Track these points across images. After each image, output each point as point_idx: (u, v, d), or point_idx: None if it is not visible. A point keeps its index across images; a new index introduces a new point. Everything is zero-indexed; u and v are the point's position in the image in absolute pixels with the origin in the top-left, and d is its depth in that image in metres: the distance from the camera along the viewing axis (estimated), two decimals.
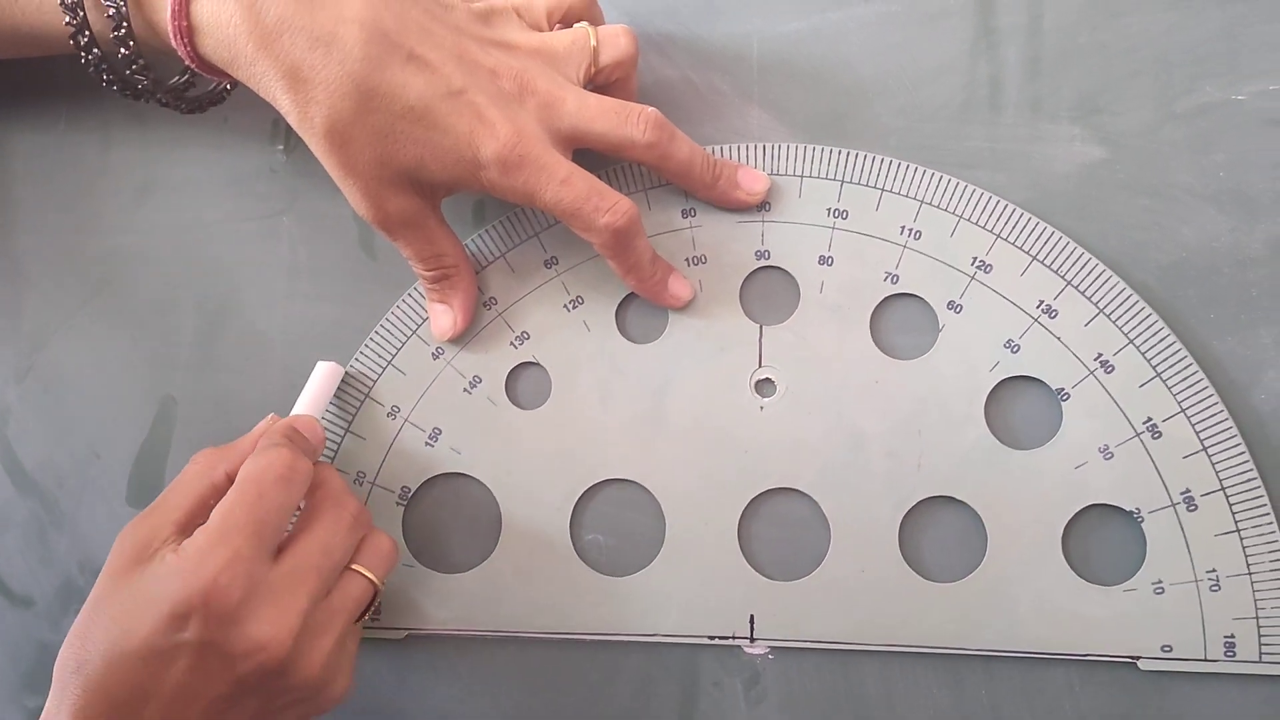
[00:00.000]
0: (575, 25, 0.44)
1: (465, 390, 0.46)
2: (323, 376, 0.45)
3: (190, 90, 0.44)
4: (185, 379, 0.48)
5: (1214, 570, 0.42)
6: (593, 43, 0.43)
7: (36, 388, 0.48)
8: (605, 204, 0.41)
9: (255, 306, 0.48)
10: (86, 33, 0.41)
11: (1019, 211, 0.44)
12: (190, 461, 0.40)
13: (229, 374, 0.47)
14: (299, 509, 0.40)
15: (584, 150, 0.43)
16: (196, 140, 0.48)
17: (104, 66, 0.42)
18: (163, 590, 0.36)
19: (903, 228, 0.45)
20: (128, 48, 0.41)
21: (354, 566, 0.40)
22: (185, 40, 0.39)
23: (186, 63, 0.40)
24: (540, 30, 0.43)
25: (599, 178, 0.42)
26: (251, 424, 0.46)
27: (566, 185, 0.40)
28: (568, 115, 0.41)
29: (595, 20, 0.45)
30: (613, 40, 0.43)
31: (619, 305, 0.46)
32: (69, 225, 0.48)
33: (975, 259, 0.44)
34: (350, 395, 0.46)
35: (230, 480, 0.39)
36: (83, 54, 0.41)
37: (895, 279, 0.45)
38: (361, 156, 0.40)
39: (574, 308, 0.46)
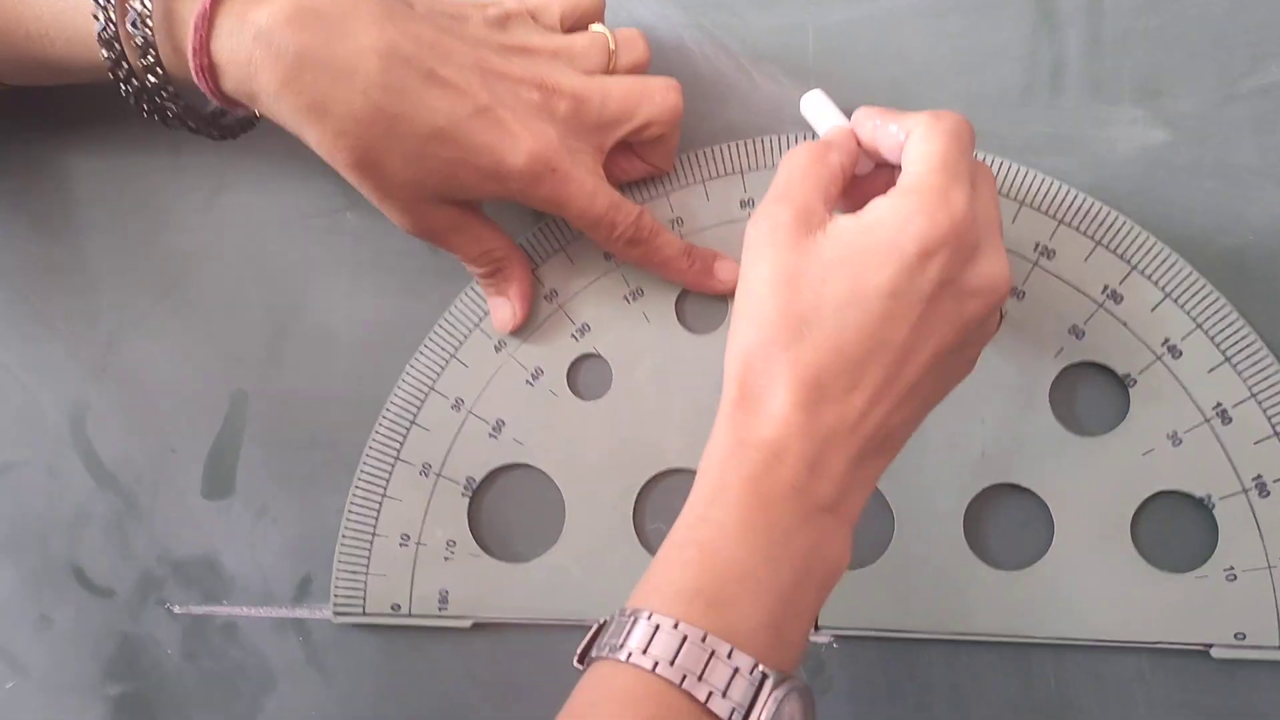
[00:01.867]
0: (591, 27, 0.44)
1: (527, 382, 0.46)
2: (826, 103, 0.43)
3: (224, 118, 0.44)
4: (256, 374, 0.48)
5: None
6: (611, 45, 0.43)
7: (113, 385, 0.49)
8: (620, 219, 0.42)
9: (322, 302, 0.48)
10: (124, 65, 0.40)
11: (1082, 196, 0.44)
12: (788, 157, 0.38)
13: (298, 369, 0.48)
14: None
15: None
16: (263, 140, 0.48)
17: (143, 98, 0.41)
18: (904, 231, 0.34)
19: None
20: (156, 76, 0.40)
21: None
22: (207, 77, 0.39)
23: (210, 99, 0.40)
24: (555, 33, 0.44)
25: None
26: (321, 418, 0.47)
27: (591, 200, 0.41)
28: (594, 110, 0.42)
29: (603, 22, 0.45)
30: (630, 44, 0.44)
31: (678, 297, 0.46)
32: (142, 226, 0.50)
33: (1038, 245, 0.44)
34: (415, 387, 0.47)
35: (845, 171, 0.38)
36: (121, 85, 0.41)
37: None
38: (394, 180, 0.40)
39: (634, 299, 0.46)
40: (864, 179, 0.40)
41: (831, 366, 0.34)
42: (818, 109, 0.42)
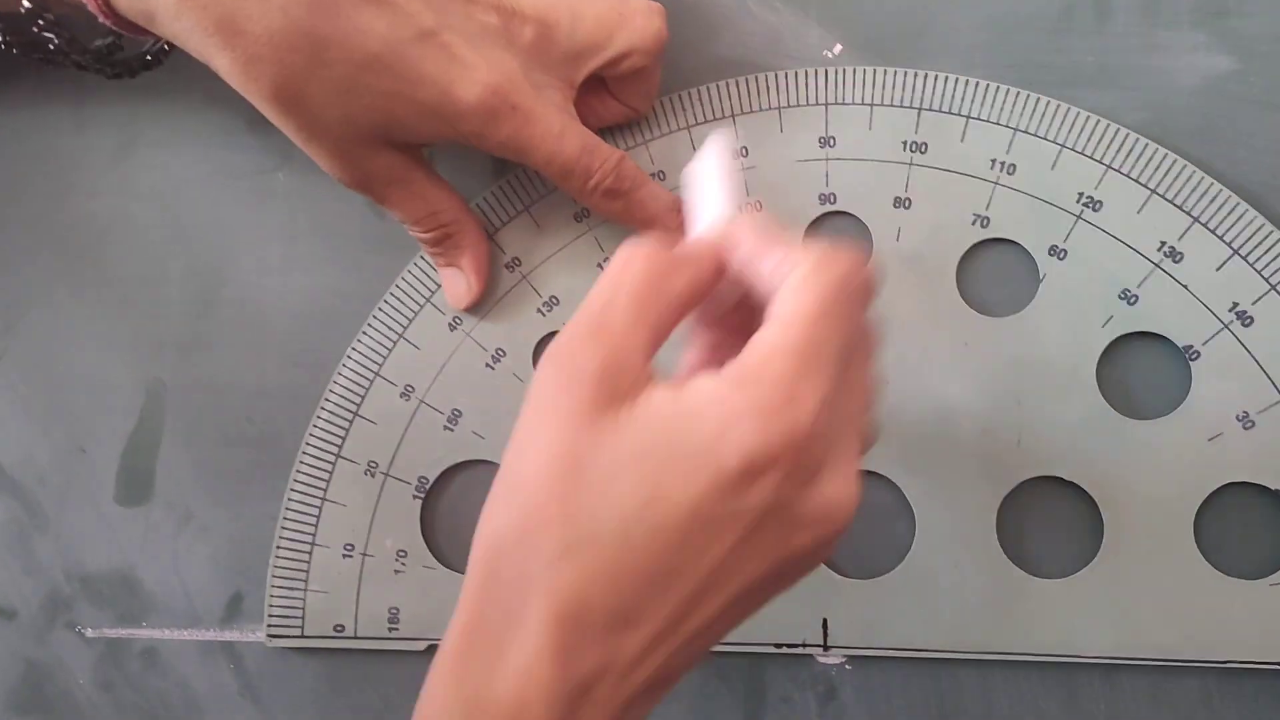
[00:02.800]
0: None
1: (488, 365, 0.40)
2: (724, 153, 0.33)
3: (118, 53, 0.39)
4: (175, 360, 0.43)
5: None
6: None
7: (11, 374, 0.44)
8: (595, 164, 0.37)
9: (250, 275, 0.43)
10: None
11: (1133, 136, 0.38)
12: (624, 259, 0.28)
13: (223, 353, 0.43)
14: None
15: None
16: (180, 90, 0.42)
17: (1, 26, 0.36)
18: (729, 437, 0.26)
19: (994, 161, 0.39)
20: (30, 0, 0.35)
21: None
22: None
23: (100, 20, 0.35)
24: None
25: None
26: (252, 410, 0.42)
27: (560, 141, 0.36)
28: (563, 36, 0.36)
29: None
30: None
31: None
32: (41, 190, 0.44)
33: (1082, 195, 0.38)
34: (358, 373, 0.41)
35: (684, 304, 0.28)
36: None
37: (986, 222, 0.39)
38: (322, 117, 0.35)
39: None
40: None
41: (603, 597, 0.26)
42: (705, 176, 0.32)
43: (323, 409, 0.41)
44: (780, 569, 0.27)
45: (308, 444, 0.41)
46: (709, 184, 0.32)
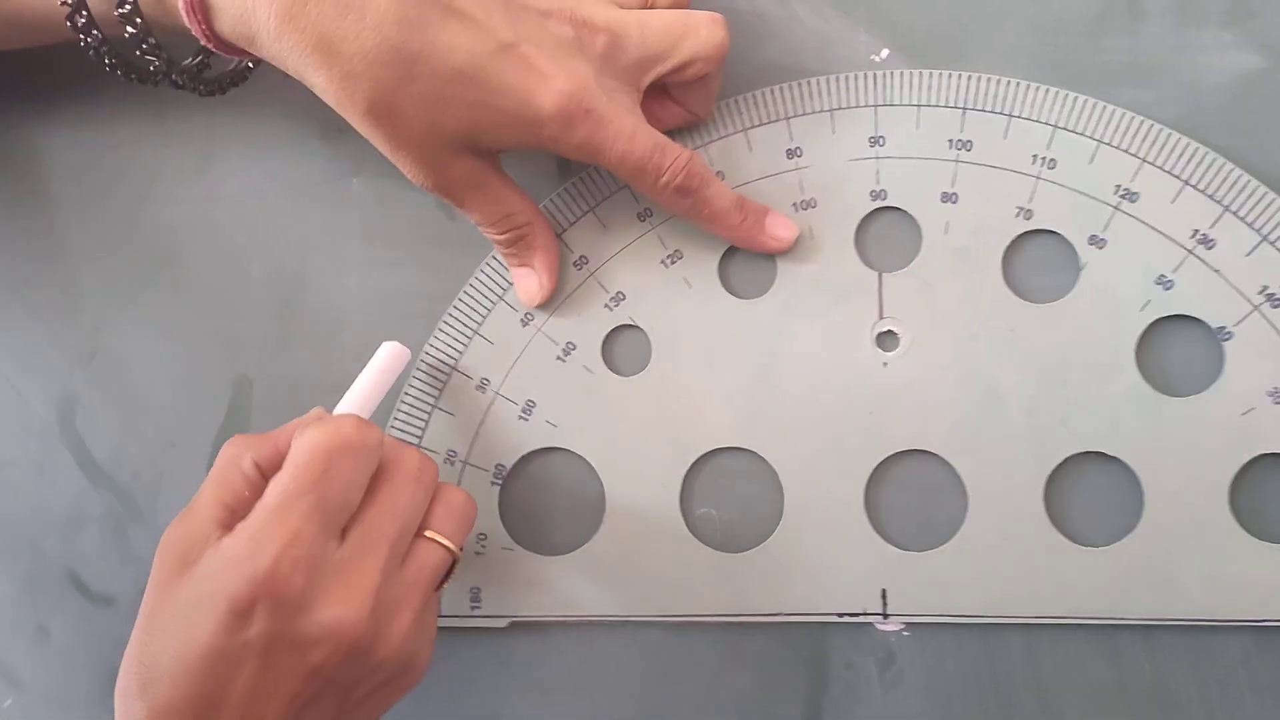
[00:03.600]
0: None
1: (559, 358, 0.42)
2: (384, 361, 0.40)
3: (206, 71, 0.41)
4: (259, 357, 0.45)
5: None
6: None
7: (103, 374, 0.45)
8: (666, 162, 0.38)
9: (328, 277, 0.44)
10: (84, 13, 0.37)
11: (1167, 131, 0.40)
12: (220, 455, 0.36)
13: (304, 350, 0.44)
14: None
15: None
16: (256, 100, 0.44)
17: (105, 50, 0.38)
18: (218, 586, 0.32)
19: (1035, 157, 0.40)
20: (135, 26, 0.37)
21: (427, 533, 0.36)
22: (199, 18, 0.35)
23: (203, 43, 0.37)
24: None
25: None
26: (331, 405, 0.43)
27: (632, 142, 0.37)
28: (633, 45, 0.38)
29: None
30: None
31: (722, 258, 0.42)
32: (125, 200, 0.45)
33: (1119, 187, 0.40)
34: (435, 368, 0.43)
35: (262, 471, 0.35)
36: (82, 37, 0.38)
37: (1029, 214, 0.40)
38: (411, 128, 0.36)
39: (672, 263, 0.42)
40: None
41: None
42: (367, 371, 0.40)
43: (403, 402, 0.43)
44: (319, 683, 0.33)
45: (390, 434, 0.42)
46: (367, 376, 0.39)
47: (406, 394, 0.43)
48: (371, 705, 0.35)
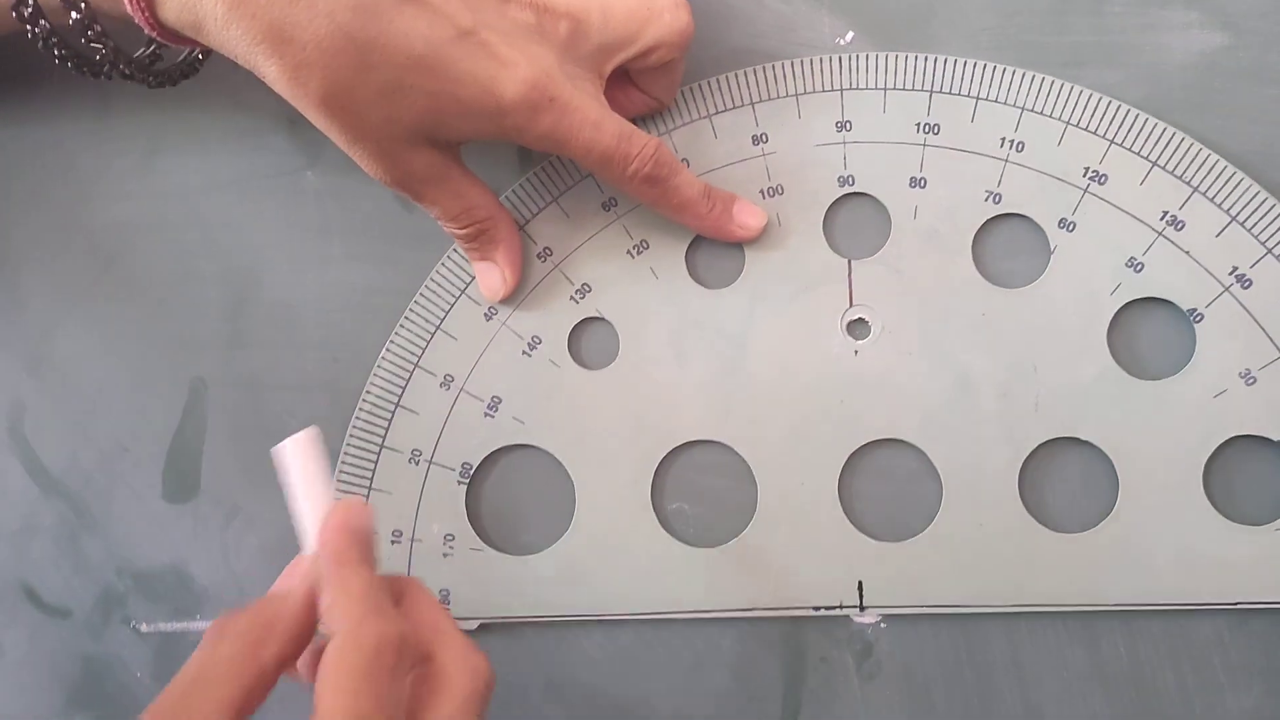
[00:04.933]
0: None
1: (524, 353, 0.41)
2: (304, 460, 0.34)
3: (157, 63, 0.39)
4: (214, 358, 0.43)
5: None
6: None
7: (52, 379, 0.44)
8: (633, 150, 0.37)
9: (284, 274, 0.43)
10: (30, 2, 0.36)
11: (1134, 112, 0.40)
12: (210, 639, 0.30)
13: (262, 351, 0.43)
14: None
15: None
16: (204, 93, 0.43)
17: (54, 40, 0.37)
18: None
19: (1003, 140, 0.40)
20: (80, 11, 0.35)
21: None
22: (142, 4, 0.34)
23: (147, 31, 0.35)
24: None
25: None
26: (290, 405, 0.43)
27: (598, 130, 0.36)
28: (595, 31, 0.37)
29: None
30: None
31: (689, 247, 0.41)
32: (69, 196, 0.44)
33: (1087, 169, 0.40)
34: (398, 365, 0.42)
35: (281, 666, 0.30)
36: (29, 27, 0.36)
37: (998, 198, 0.40)
38: (367, 119, 0.35)
39: (638, 253, 0.41)
40: None
41: None
42: (295, 475, 0.33)
43: (364, 401, 0.42)
44: None
45: (351, 436, 0.41)
46: (303, 485, 0.33)
47: (368, 394, 0.42)
48: None
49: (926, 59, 0.40)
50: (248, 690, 0.29)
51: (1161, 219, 0.39)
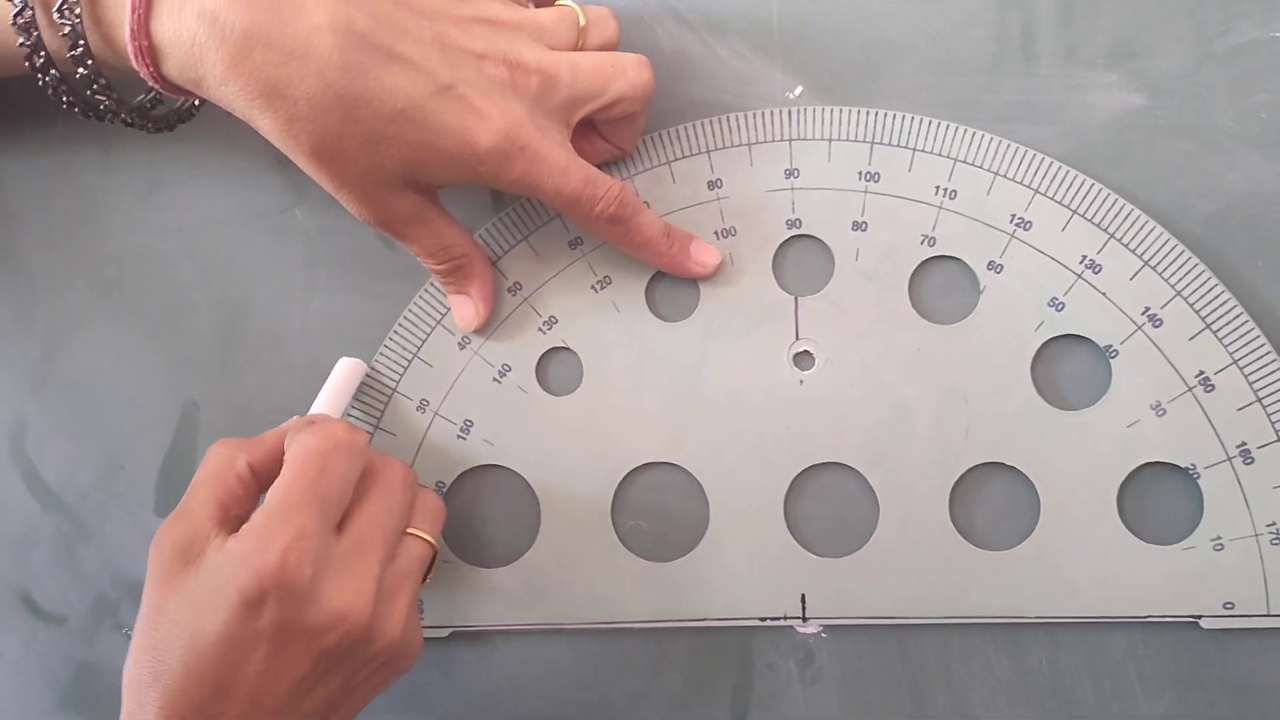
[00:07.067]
0: (559, 1, 0.42)
1: (495, 380, 0.44)
2: (344, 374, 0.43)
3: (157, 109, 0.42)
4: (206, 382, 0.46)
5: (1274, 524, 0.41)
6: (581, 21, 0.41)
7: (54, 398, 0.47)
8: (599, 193, 0.40)
9: (273, 304, 0.46)
10: (42, 53, 0.38)
11: (1057, 165, 0.43)
12: (207, 456, 0.38)
13: (251, 375, 0.46)
14: None
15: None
16: (200, 135, 0.46)
17: (63, 89, 0.39)
18: (228, 579, 0.34)
19: (938, 188, 0.43)
20: (86, 67, 0.38)
21: (411, 530, 0.39)
22: (147, 61, 0.37)
23: (151, 84, 0.38)
24: (520, 6, 0.42)
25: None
26: (278, 424, 0.45)
27: (566, 175, 0.39)
28: (564, 86, 0.40)
29: None
30: (602, 22, 0.42)
31: (648, 284, 0.44)
32: (74, 228, 0.47)
33: (1014, 216, 0.43)
34: (377, 390, 0.45)
35: (255, 471, 0.38)
36: (40, 75, 0.39)
37: (932, 241, 0.43)
38: (354, 167, 0.38)
39: (602, 288, 0.44)
40: None
41: (184, 707, 0.34)
42: (332, 381, 0.43)
43: None
44: (326, 663, 0.35)
45: None
46: (330, 389, 0.43)
47: (350, 416, 0.44)
48: (371, 686, 0.38)
49: (869, 113, 0.44)
50: (229, 488, 0.37)
51: (1081, 262, 0.42)
